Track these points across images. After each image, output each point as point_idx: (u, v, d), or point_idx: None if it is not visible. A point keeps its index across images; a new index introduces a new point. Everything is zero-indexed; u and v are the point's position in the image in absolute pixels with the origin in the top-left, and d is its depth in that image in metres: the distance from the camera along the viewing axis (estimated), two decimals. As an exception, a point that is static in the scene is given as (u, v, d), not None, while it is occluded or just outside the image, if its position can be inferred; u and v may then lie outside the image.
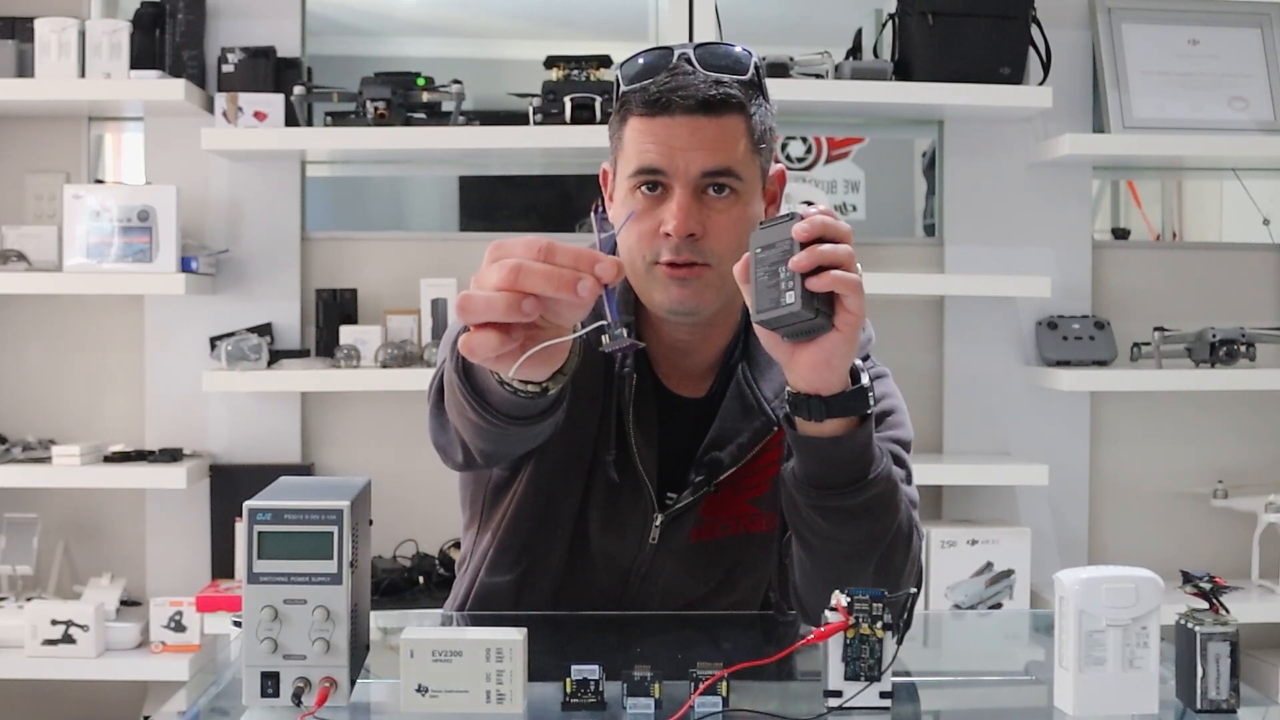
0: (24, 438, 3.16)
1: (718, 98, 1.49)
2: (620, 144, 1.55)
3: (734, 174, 1.51)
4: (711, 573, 1.63)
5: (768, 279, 1.31)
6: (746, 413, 1.59)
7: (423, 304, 3.15)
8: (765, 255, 1.32)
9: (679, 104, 1.49)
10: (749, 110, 1.52)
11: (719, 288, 1.53)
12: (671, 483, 1.60)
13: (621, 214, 1.54)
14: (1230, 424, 3.38)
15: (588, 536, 1.62)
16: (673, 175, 1.50)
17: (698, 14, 3.01)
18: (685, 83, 1.49)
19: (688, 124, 1.49)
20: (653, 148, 1.50)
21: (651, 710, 1.21)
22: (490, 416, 1.35)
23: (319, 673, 1.20)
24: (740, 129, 1.51)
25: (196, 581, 3.15)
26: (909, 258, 3.37)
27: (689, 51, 1.52)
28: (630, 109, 1.52)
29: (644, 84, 1.51)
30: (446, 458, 1.57)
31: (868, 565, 1.45)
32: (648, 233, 1.52)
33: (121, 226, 3.03)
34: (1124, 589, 1.22)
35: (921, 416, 3.30)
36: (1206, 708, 1.23)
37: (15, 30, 3.10)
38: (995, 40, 3.13)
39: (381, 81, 3.06)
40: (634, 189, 1.53)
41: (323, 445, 3.26)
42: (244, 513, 1.20)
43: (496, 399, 1.32)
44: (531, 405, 1.31)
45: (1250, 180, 3.51)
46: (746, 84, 1.52)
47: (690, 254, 1.50)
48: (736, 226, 1.51)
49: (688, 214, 1.49)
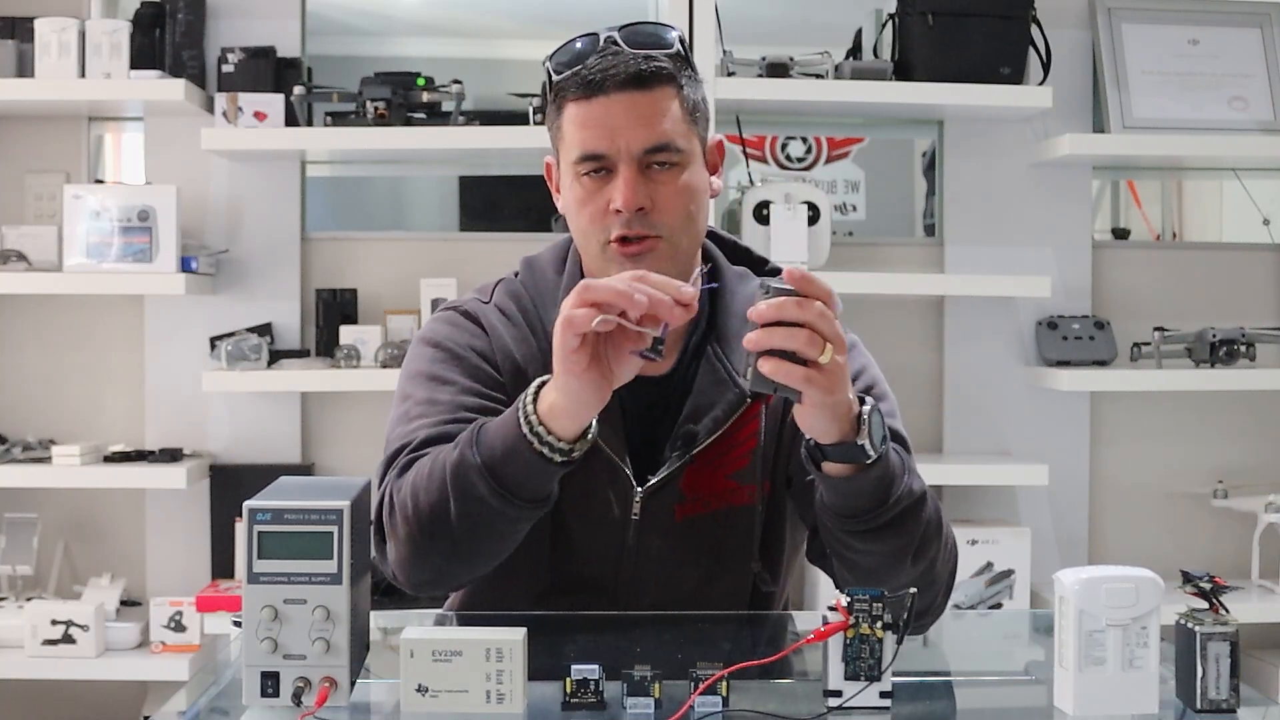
0: (24, 438, 3.16)
1: (648, 72, 1.54)
2: (560, 134, 1.59)
3: (674, 147, 1.55)
4: (701, 550, 1.63)
5: (744, 349, 1.35)
6: (719, 385, 1.60)
7: (423, 304, 3.15)
8: (749, 326, 1.36)
9: (611, 81, 1.53)
10: (679, 81, 1.57)
11: (671, 258, 1.56)
12: (651, 464, 1.61)
13: (570, 206, 1.59)
14: (1230, 424, 3.38)
15: (568, 530, 1.61)
16: (615, 156, 1.54)
17: (698, 14, 3.01)
18: (615, 62, 1.53)
19: (623, 100, 1.53)
20: (592, 132, 1.54)
21: (651, 710, 1.21)
22: (511, 500, 1.43)
23: (319, 673, 1.20)
24: (673, 100, 1.56)
25: (196, 581, 3.15)
26: (909, 258, 3.37)
27: (614, 33, 1.56)
28: (565, 96, 1.56)
29: (575, 70, 1.55)
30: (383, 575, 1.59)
31: (903, 566, 1.48)
32: (598, 213, 1.56)
33: (121, 226, 3.02)
34: (1124, 589, 1.22)
35: (921, 416, 3.31)
36: (1206, 708, 1.23)
37: (15, 30, 3.09)
38: (995, 40, 3.13)
39: (381, 81, 3.06)
40: (579, 175, 1.57)
41: (323, 445, 3.26)
42: (244, 513, 1.20)
43: (515, 481, 1.42)
44: (550, 474, 1.43)
45: (1250, 180, 3.51)
46: (674, 57, 1.57)
47: (641, 227, 1.54)
48: (682, 195, 1.56)
49: (634, 189, 1.53)
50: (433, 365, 1.63)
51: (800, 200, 3.11)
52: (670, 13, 3.02)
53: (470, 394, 1.59)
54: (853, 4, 3.53)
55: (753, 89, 3.06)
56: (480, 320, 1.66)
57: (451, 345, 1.63)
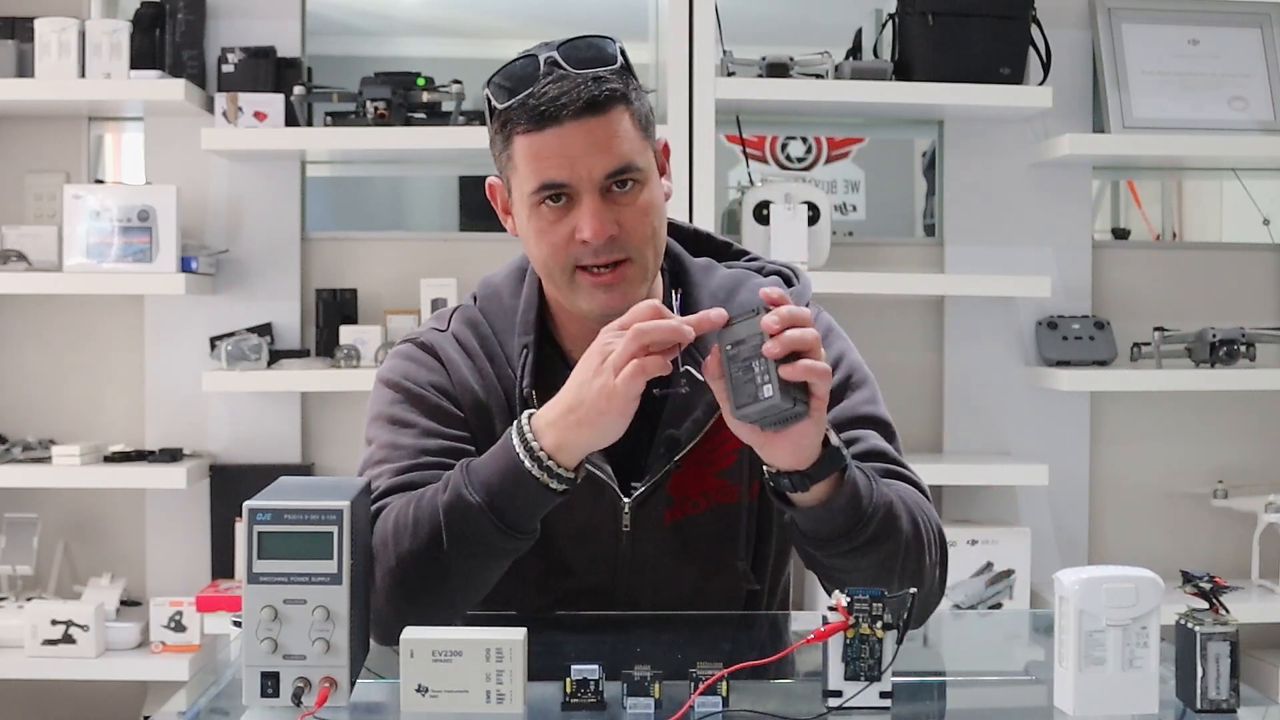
0: (24, 438, 3.16)
1: (601, 96, 1.48)
2: (511, 162, 1.54)
3: (634, 167, 1.51)
4: (693, 550, 1.62)
5: (742, 374, 1.34)
6: (695, 387, 1.58)
7: (423, 304, 3.15)
8: (737, 351, 1.35)
9: (566, 111, 1.47)
10: (630, 98, 1.52)
11: (641, 280, 1.55)
12: (635, 473, 1.60)
13: (523, 228, 1.56)
14: (1230, 424, 3.38)
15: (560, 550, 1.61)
16: (576, 184, 1.50)
17: (698, 14, 3.01)
18: (565, 89, 1.48)
19: (579, 128, 1.48)
20: (550, 162, 1.49)
21: (651, 710, 1.21)
22: (512, 535, 1.44)
23: (319, 673, 1.20)
24: (625, 118, 1.51)
25: (196, 581, 3.15)
26: (909, 258, 3.36)
27: (554, 54, 1.50)
28: (515, 126, 1.50)
29: (522, 98, 1.49)
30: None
31: (893, 577, 1.47)
32: (560, 243, 1.52)
33: (121, 226, 3.02)
34: (1124, 589, 1.22)
35: (921, 416, 3.31)
36: (1206, 708, 1.23)
37: (15, 30, 3.09)
38: (995, 40, 3.13)
39: (381, 81, 3.06)
40: (538, 204, 1.52)
41: (323, 445, 3.26)
42: (244, 513, 1.20)
43: (517, 515, 1.43)
44: (552, 502, 1.43)
45: (1250, 180, 3.51)
46: (619, 71, 1.52)
47: (610, 253, 1.52)
48: (646, 214, 1.53)
49: (600, 218, 1.49)
50: (392, 407, 1.60)
51: (800, 200, 3.11)
52: (670, 13, 3.03)
53: (432, 435, 1.57)
54: (853, 4, 3.53)
55: (753, 89, 3.06)
56: (438, 353, 1.62)
57: (408, 385, 1.61)
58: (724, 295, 1.64)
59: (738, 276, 1.67)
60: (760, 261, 1.72)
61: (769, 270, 1.69)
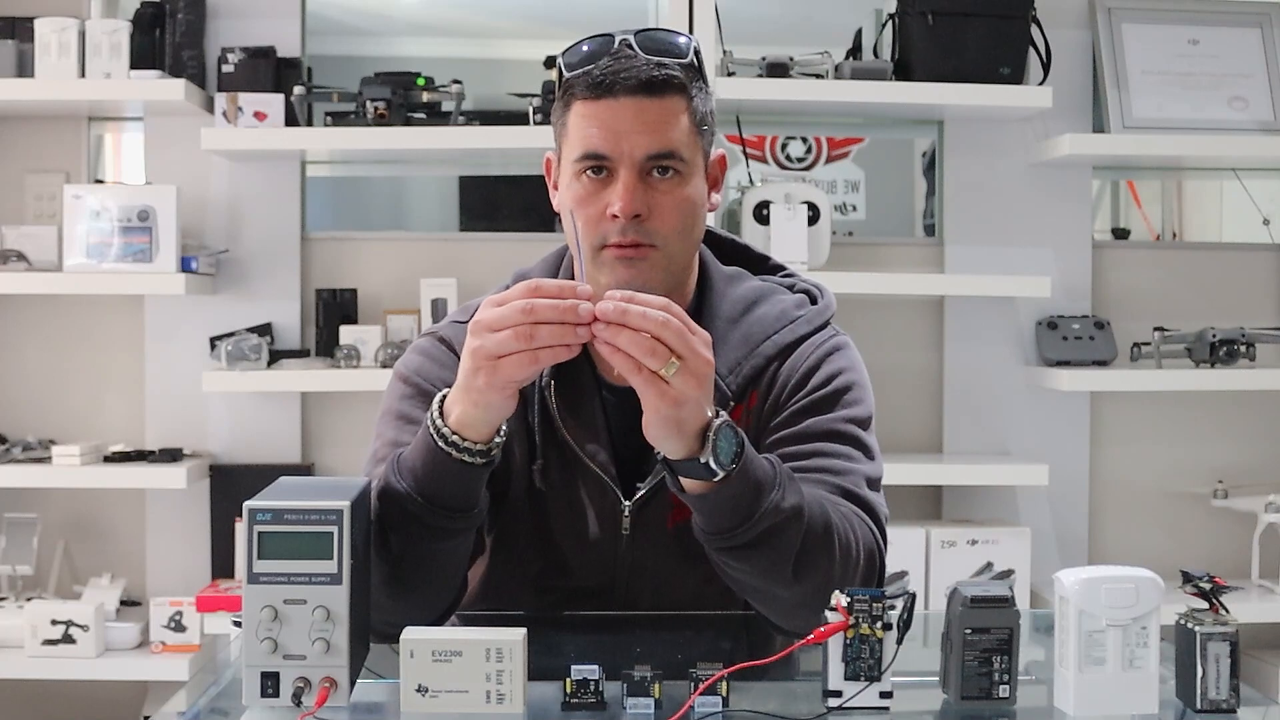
0: (24, 438, 3.16)
1: (659, 79, 1.52)
2: (565, 130, 1.57)
3: (677, 155, 1.53)
4: (696, 556, 1.61)
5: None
6: None
7: (423, 304, 3.15)
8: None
9: (622, 85, 1.51)
10: (690, 92, 1.55)
11: (665, 269, 1.55)
12: (642, 477, 1.60)
13: (566, 201, 1.57)
14: (1230, 424, 3.38)
15: (559, 551, 1.61)
16: (617, 159, 1.52)
17: (698, 14, 3.01)
18: (627, 65, 1.52)
19: (631, 105, 1.51)
20: (597, 132, 1.52)
21: (651, 710, 1.21)
22: (444, 513, 1.42)
23: (319, 673, 1.20)
24: (682, 110, 1.54)
25: (196, 581, 3.15)
26: (909, 258, 3.37)
27: (630, 37, 1.54)
28: (574, 94, 1.54)
29: (587, 69, 1.53)
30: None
31: (782, 582, 1.44)
32: (594, 217, 1.53)
33: (121, 226, 3.02)
34: (1124, 589, 1.22)
35: (921, 416, 3.31)
36: (1206, 708, 1.23)
37: (15, 30, 3.09)
38: (995, 40, 3.13)
39: (381, 81, 3.06)
40: (579, 174, 1.54)
41: (323, 445, 3.26)
42: (244, 513, 1.20)
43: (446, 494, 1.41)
44: (477, 476, 1.42)
45: (1250, 180, 3.51)
46: (687, 67, 1.55)
47: (636, 235, 1.52)
48: (680, 207, 1.54)
49: (633, 195, 1.51)
50: (402, 403, 1.62)
51: (800, 200, 3.11)
52: (670, 13, 3.03)
53: None
54: (853, 4, 3.53)
55: (753, 89, 3.06)
56: (455, 347, 1.61)
57: (420, 381, 1.61)
58: (743, 306, 1.64)
59: (762, 290, 1.67)
60: (793, 279, 1.72)
61: (799, 288, 1.70)
